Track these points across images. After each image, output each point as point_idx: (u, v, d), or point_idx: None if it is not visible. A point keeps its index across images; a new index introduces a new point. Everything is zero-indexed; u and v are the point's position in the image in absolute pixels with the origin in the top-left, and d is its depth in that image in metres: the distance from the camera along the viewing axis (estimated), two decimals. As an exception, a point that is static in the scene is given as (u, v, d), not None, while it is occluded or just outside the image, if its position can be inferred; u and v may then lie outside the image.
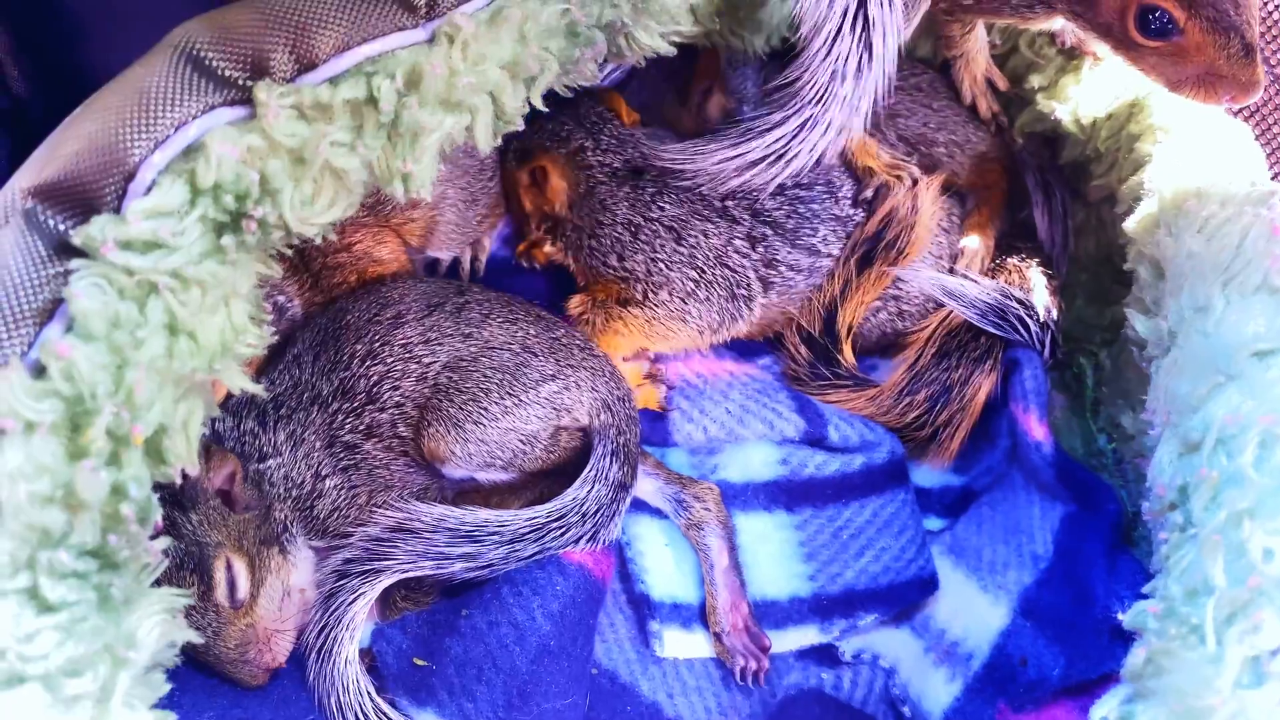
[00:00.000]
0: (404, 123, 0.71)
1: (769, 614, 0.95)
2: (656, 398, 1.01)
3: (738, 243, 1.02)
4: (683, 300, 1.02)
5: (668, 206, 1.02)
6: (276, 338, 0.94)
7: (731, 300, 1.03)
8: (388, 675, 0.86)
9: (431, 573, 0.86)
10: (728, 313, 1.03)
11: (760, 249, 1.03)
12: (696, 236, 1.02)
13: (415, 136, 0.72)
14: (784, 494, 0.98)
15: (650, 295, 1.02)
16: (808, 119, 0.90)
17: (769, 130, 0.92)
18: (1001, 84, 1.05)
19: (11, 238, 0.66)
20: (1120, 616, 0.76)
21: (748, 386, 1.03)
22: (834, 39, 0.87)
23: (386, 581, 0.86)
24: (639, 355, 1.05)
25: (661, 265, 1.02)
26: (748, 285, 1.03)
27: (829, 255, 1.04)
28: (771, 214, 1.03)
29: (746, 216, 1.03)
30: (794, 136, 0.91)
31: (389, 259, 1.03)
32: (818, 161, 0.95)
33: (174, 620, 0.67)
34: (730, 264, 1.02)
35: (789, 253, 1.03)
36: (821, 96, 0.90)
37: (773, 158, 0.93)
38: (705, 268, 1.02)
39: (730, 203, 1.03)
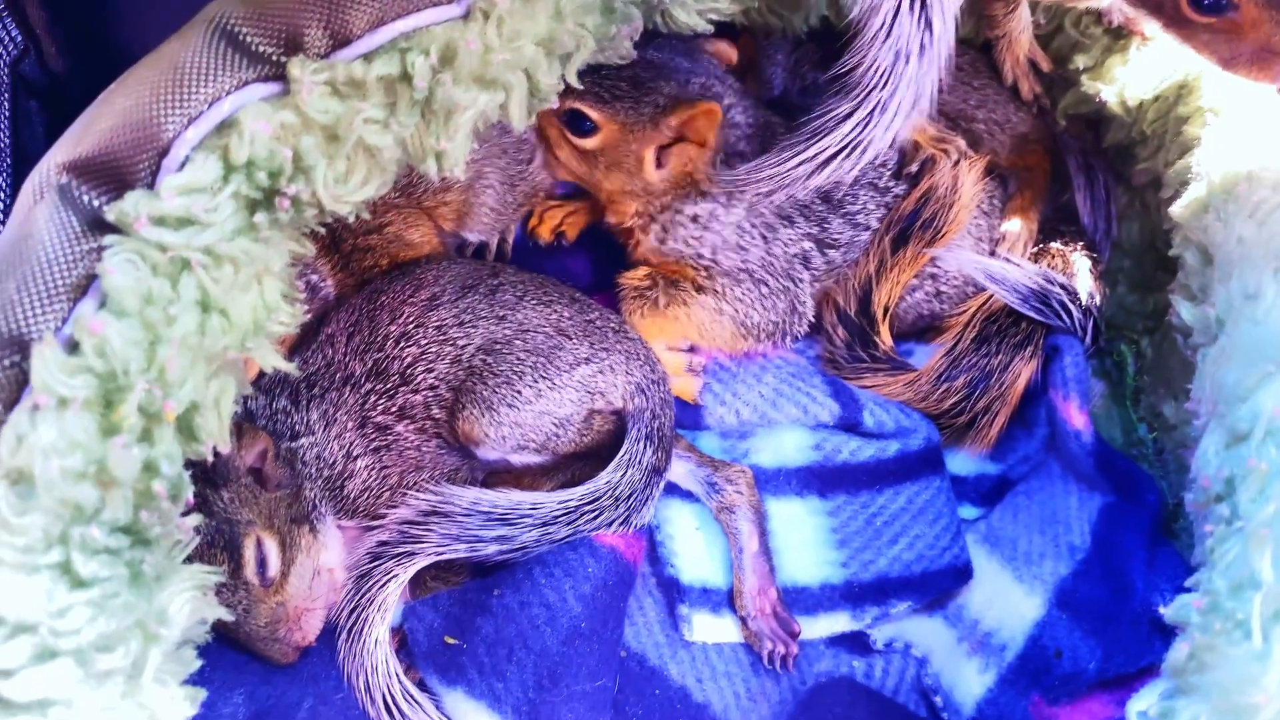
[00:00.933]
0: (438, 99, 0.70)
1: (800, 600, 0.94)
2: (693, 391, 1.00)
3: (807, 246, 1.01)
4: (750, 305, 1.00)
5: (766, 210, 1.00)
6: (309, 317, 0.94)
7: (791, 314, 1.02)
8: (418, 653, 0.86)
9: (465, 556, 0.86)
10: (782, 327, 1.02)
11: (828, 254, 1.02)
12: (779, 244, 1.00)
13: (449, 114, 0.71)
14: (817, 479, 0.97)
15: (727, 291, 1.00)
16: (876, 104, 0.88)
17: (841, 123, 0.89)
18: (1045, 65, 1.03)
19: (46, 213, 0.66)
20: (1161, 610, 0.74)
21: (781, 370, 1.02)
22: (893, 20, 0.84)
23: (420, 564, 0.86)
24: (680, 347, 1.03)
25: (751, 265, 1.00)
26: (804, 302, 1.02)
27: (866, 228, 1.02)
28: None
29: (815, 214, 1.01)
30: (866, 124, 0.88)
31: (420, 242, 1.02)
32: (890, 145, 0.92)
33: (205, 597, 0.67)
34: (796, 277, 1.01)
35: (835, 223, 1.01)
36: (887, 80, 0.87)
37: (849, 150, 0.90)
38: (778, 277, 1.00)
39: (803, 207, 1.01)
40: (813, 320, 1.04)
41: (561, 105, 0.94)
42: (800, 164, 0.91)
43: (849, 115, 0.89)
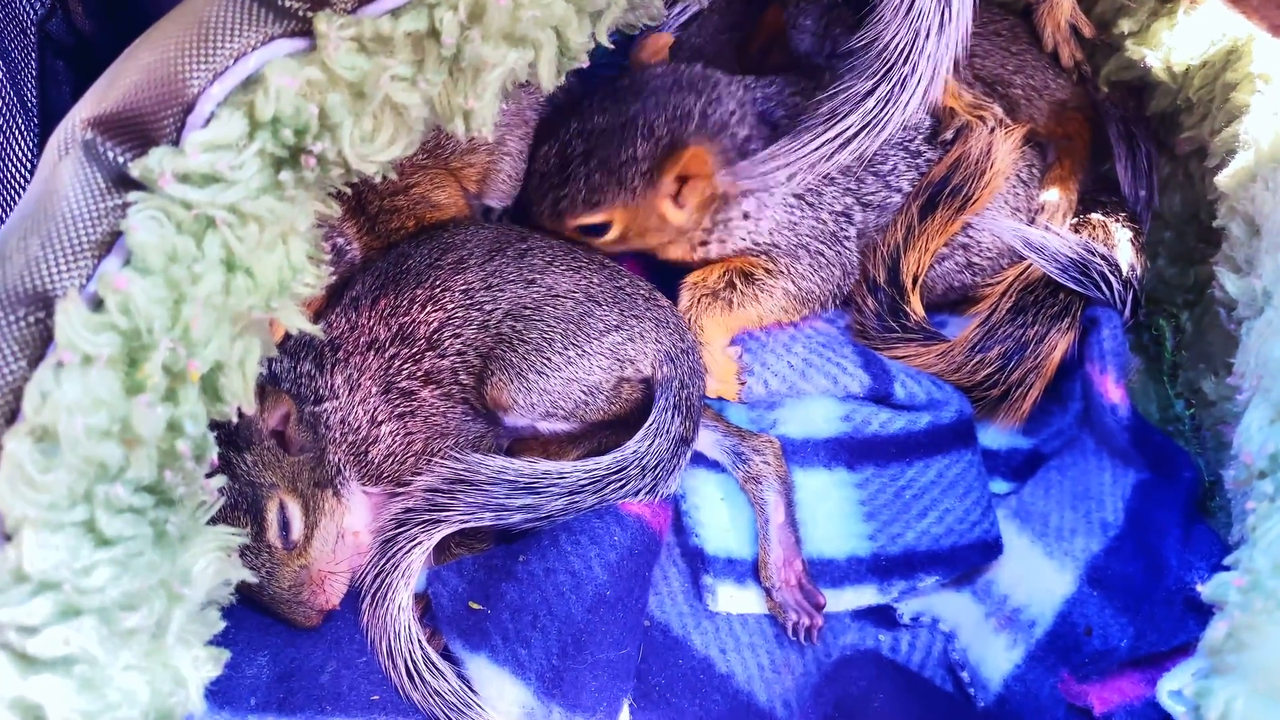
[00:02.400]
0: (466, 57, 0.68)
1: (826, 573, 0.93)
2: (736, 390, 0.99)
3: (848, 201, 1.00)
4: (810, 277, 1.00)
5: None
6: (334, 278, 0.93)
7: (844, 277, 1.02)
8: (442, 618, 0.86)
9: (490, 524, 0.86)
10: (835, 293, 1.03)
11: (866, 213, 1.01)
12: (824, 208, 0.99)
13: (477, 72, 0.69)
14: (845, 451, 0.96)
15: (791, 269, 0.99)
16: (897, 81, 0.87)
17: (861, 101, 0.89)
18: (1088, 30, 1.00)
19: (71, 169, 0.65)
20: (1199, 588, 0.73)
21: (812, 340, 1.00)
22: None
23: (445, 531, 0.85)
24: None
25: (804, 237, 0.99)
26: (853, 262, 1.02)
27: (898, 190, 1.00)
28: None
29: (851, 172, 1.00)
30: (887, 101, 0.88)
31: (446, 204, 1.01)
32: (920, 111, 0.91)
33: (228, 558, 0.67)
34: (843, 237, 1.00)
35: (869, 181, 1.00)
36: (907, 55, 0.86)
37: (868, 128, 0.90)
38: (828, 243, 1.00)
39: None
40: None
41: (566, 233, 0.98)
42: (821, 146, 0.90)
43: (869, 94, 0.88)
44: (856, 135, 0.91)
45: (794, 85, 1.00)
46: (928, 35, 0.86)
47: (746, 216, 0.97)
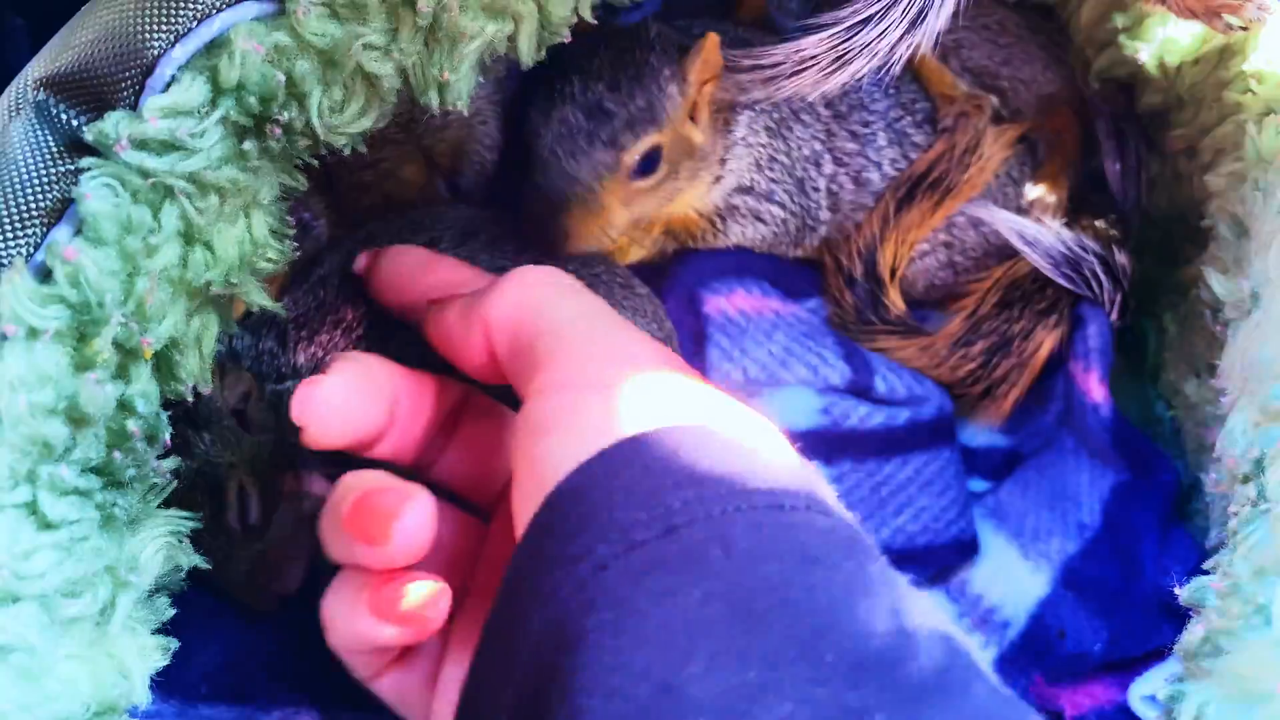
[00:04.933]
0: (443, 27, 0.66)
1: (799, 568, 0.91)
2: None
3: (818, 148, 0.98)
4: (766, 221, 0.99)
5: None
6: (299, 254, 0.90)
7: (801, 231, 1.00)
8: None
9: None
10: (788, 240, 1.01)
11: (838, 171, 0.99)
12: (792, 146, 0.97)
13: (454, 43, 0.67)
14: (823, 444, 0.94)
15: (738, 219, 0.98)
16: (866, 18, 0.83)
17: (823, 28, 0.84)
18: None
19: (21, 131, 0.62)
20: (1176, 591, 0.72)
21: (793, 329, 0.98)
22: None
23: None
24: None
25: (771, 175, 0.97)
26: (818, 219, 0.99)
27: (877, 165, 0.99)
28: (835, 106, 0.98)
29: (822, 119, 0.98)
30: (852, 34, 0.83)
31: (411, 180, 0.99)
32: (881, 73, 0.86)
33: (180, 544, 0.64)
34: (811, 188, 0.98)
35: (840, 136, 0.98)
36: None
37: (832, 58, 0.84)
38: (796, 191, 0.98)
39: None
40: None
41: (619, 185, 0.88)
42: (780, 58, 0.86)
43: (832, 24, 0.84)
44: (815, 59, 0.85)
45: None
46: None
47: (743, 141, 0.95)
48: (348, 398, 0.66)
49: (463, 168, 1.02)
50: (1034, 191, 1.01)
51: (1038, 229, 0.96)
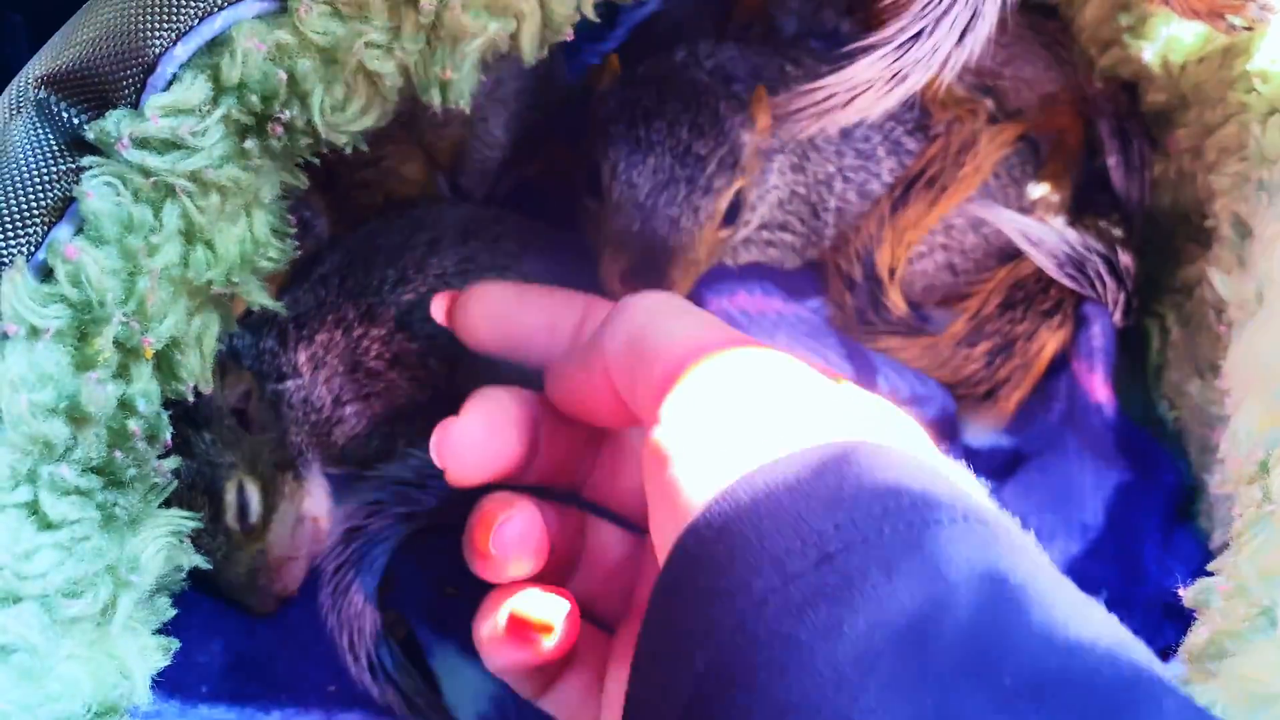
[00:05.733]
0: (445, 25, 0.65)
1: (800, 569, 0.91)
2: None
3: (830, 170, 0.98)
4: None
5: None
6: (300, 253, 0.90)
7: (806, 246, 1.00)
8: (411, 600, 0.83)
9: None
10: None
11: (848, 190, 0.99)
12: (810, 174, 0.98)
13: (456, 41, 0.66)
14: (825, 445, 0.94)
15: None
16: (916, 33, 0.81)
17: (871, 51, 0.82)
18: None
19: (22, 129, 0.62)
20: (1180, 592, 0.72)
21: (796, 328, 0.98)
22: None
23: (416, 526, 0.82)
24: None
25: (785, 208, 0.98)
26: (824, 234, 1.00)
27: (877, 175, 0.98)
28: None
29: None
30: (904, 51, 0.82)
31: (413, 179, 0.99)
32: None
33: (181, 544, 0.64)
34: (822, 209, 0.99)
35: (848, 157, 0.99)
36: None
37: (887, 78, 0.83)
38: (808, 215, 0.99)
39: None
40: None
41: (711, 231, 0.88)
42: (837, 85, 0.84)
43: (886, 41, 0.82)
44: (871, 84, 0.83)
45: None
46: None
47: (774, 186, 0.96)
48: (485, 435, 0.65)
49: (464, 166, 1.02)
50: (1037, 190, 1.01)
51: (1042, 229, 0.96)
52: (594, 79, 0.94)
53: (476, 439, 0.65)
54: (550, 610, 0.61)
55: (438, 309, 0.72)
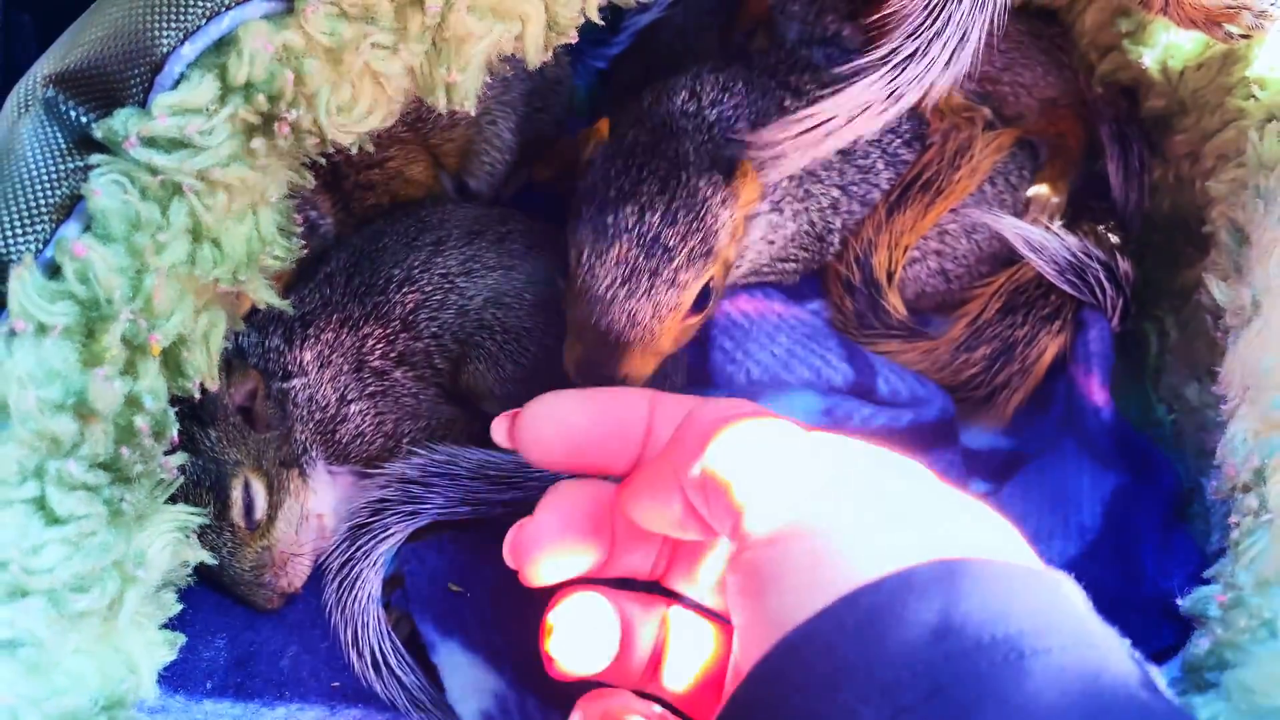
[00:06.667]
0: (450, 27, 0.66)
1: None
2: None
3: (835, 194, 0.99)
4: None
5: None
6: (306, 252, 0.91)
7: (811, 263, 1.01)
8: (416, 599, 0.83)
9: (470, 517, 0.83)
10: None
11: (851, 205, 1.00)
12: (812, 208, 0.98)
13: (461, 43, 0.67)
14: (825, 446, 0.94)
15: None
16: (911, 53, 0.82)
17: (866, 73, 0.83)
18: None
19: (31, 127, 0.63)
20: (1179, 601, 0.72)
21: (796, 330, 0.98)
22: None
23: (421, 523, 0.82)
24: None
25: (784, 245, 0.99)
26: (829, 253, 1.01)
27: (877, 186, 0.99)
28: None
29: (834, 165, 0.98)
30: (900, 70, 0.82)
31: (420, 180, 0.99)
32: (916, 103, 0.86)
33: (186, 539, 0.64)
34: (828, 230, 0.99)
35: (849, 174, 0.99)
36: (938, 16, 0.81)
37: (884, 97, 0.83)
38: (812, 244, 1.00)
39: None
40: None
41: (681, 318, 0.85)
42: (838, 106, 0.85)
43: (883, 61, 0.83)
44: (869, 105, 0.84)
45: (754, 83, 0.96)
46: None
47: (760, 239, 0.95)
48: (559, 535, 0.63)
49: (470, 168, 1.02)
50: (1034, 190, 1.01)
51: (1044, 235, 0.96)
52: (583, 143, 0.91)
53: (551, 540, 0.63)
54: None
55: (499, 432, 0.68)
